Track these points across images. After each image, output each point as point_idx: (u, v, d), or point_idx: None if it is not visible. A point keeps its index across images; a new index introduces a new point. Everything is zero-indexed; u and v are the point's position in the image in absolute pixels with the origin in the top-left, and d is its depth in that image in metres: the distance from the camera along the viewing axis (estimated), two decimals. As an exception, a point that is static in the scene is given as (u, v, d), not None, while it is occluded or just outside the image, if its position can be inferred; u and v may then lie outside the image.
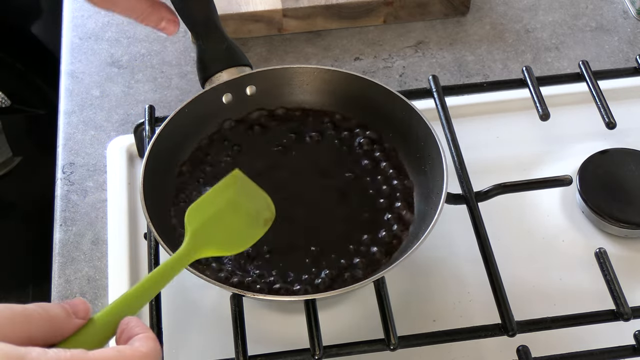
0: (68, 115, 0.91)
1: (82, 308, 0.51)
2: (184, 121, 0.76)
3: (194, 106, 0.76)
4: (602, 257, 0.71)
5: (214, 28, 0.77)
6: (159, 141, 0.73)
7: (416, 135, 0.76)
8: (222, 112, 0.79)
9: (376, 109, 0.78)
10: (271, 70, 0.80)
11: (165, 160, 0.75)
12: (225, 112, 0.79)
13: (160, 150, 0.73)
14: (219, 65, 0.77)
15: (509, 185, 0.77)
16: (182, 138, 0.77)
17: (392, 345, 0.66)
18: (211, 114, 0.78)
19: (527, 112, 0.85)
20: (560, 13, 1.01)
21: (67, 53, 0.97)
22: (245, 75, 0.78)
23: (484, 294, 0.71)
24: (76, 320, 0.50)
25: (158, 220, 0.69)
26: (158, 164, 0.73)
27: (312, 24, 0.98)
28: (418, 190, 0.75)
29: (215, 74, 0.77)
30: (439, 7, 0.99)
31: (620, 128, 0.81)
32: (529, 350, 0.67)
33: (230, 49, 0.78)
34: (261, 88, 0.80)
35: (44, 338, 0.47)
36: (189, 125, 0.77)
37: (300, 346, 0.67)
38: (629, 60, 0.96)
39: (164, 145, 0.74)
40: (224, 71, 0.77)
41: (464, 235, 0.75)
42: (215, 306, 0.74)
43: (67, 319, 0.49)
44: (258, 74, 0.79)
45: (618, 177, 0.80)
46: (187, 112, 0.76)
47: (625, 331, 0.69)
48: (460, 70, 0.95)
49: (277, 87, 0.80)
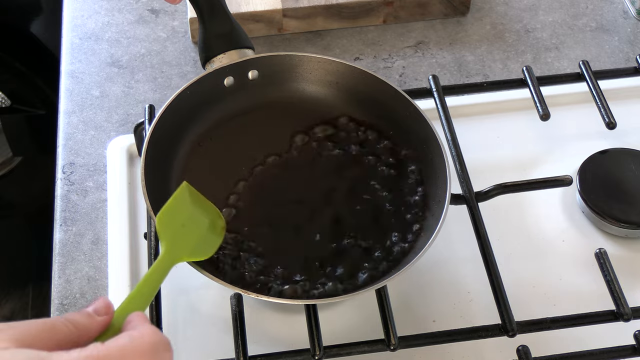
0: (68, 115, 0.91)
1: (102, 305, 0.52)
2: (185, 104, 0.75)
3: (195, 88, 0.76)
4: (602, 257, 0.71)
5: (219, 8, 0.77)
6: (162, 121, 0.73)
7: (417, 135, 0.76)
8: (223, 95, 0.78)
9: (378, 104, 0.78)
10: (275, 55, 0.80)
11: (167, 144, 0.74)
12: (226, 96, 0.78)
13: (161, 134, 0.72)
14: (222, 47, 0.77)
15: (509, 185, 0.77)
16: (184, 120, 0.76)
17: (392, 346, 0.66)
18: (213, 97, 0.78)
19: (527, 112, 0.85)
20: (560, 13, 1.01)
21: (67, 53, 0.97)
22: (248, 59, 0.78)
23: (484, 294, 0.71)
24: (99, 319, 0.51)
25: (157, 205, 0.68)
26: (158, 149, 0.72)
27: (312, 24, 0.98)
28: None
29: (217, 55, 0.77)
30: (439, 7, 0.99)
31: (620, 128, 0.81)
32: (529, 350, 0.67)
33: (235, 30, 0.77)
34: (263, 73, 0.79)
35: (72, 343, 0.49)
36: (191, 108, 0.76)
37: (300, 346, 0.67)
38: (629, 60, 0.96)
39: (167, 124, 0.73)
40: (226, 53, 0.77)
41: (464, 235, 0.75)
42: (215, 306, 0.74)
43: (90, 321, 0.51)
44: (261, 59, 0.79)
45: (618, 177, 0.81)
46: (188, 94, 0.75)
47: (625, 331, 0.69)
48: (460, 70, 0.95)
49: (279, 74, 0.79)
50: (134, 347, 0.48)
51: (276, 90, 0.80)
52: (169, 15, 1.00)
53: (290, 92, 0.80)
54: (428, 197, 0.73)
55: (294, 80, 0.80)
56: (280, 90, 0.80)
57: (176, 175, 0.74)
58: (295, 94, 0.80)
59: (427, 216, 0.72)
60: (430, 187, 0.73)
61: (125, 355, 0.47)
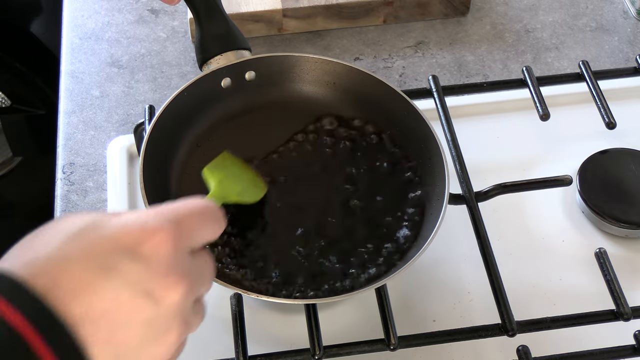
0: (68, 115, 0.91)
1: None
2: (183, 105, 0.75)
3: (193, 90, 0.76)
4: (602, 257, 0.71)
5: (216, 9, 0.77)
6: (160, 123, 0.73)
7: (415, 135, 0.76)
8: (221, 96, 0.78)
9: (376, 104, 0.78)
10: (272, 56, 0.80)
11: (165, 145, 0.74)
12: (224, 97, 0.78)
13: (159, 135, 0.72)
14: (218, 48, 0.77)
15: (509, 185, 0.77)
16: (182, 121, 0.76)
17: (392, 346, 0.66)
18: (210, 98, 0.78)
19: (527, 112, 0.85)
20: (560, 13, 1.01)
21: (67, 53, 0.97)
22: (245, 60, 0.78)
23: (484, 294, 0.71)
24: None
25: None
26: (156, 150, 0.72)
27: (312, 24, 0.98)
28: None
29: (214, 57, 0.77)
30: (439, 7, 0.99)
31: (620, 128, 0.81)
32: (529, 350, 0.67)
33: (231, 31, 0.77)
34: (261, 74, 0.79)
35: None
36: (189, 109, 0.76)
37: (300, 346, 0.67)
38: (629, 60, 0.96)
39: (165, 126, 0.73)
40: (223, 54, 0.77)
41: (464, 235, 0.75)
42: (215, 306, 0.74)
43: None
44: (258, 60, 0.79)
45: (618, 177, 0.81)
46: (186, 95, 0.75)
47: (625, 331, 0.69)
48: (460, 70, 0.95)
49: (276, 74, 0.80)
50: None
51: (274, 91, 0.80)
52: (169, 15, 1.00)
53: (288, 92, 0.80)
54: (427, 197, 0.73)
55: (292, 80, 0.80)
56: (277, 90, 0.80)
57: (175, 176, 0.74)
58: (292, 95, 0.80)
59: (426, 216, 0.72)
60: (429, 186, 0.73)
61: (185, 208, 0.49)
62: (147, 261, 0.45)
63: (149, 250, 0.45)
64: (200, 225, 0.50)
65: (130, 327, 0.44)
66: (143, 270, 0.45)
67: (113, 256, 0.44)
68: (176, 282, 0.46)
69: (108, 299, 0.43)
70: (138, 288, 0.44)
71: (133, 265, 0.44)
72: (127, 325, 0.44)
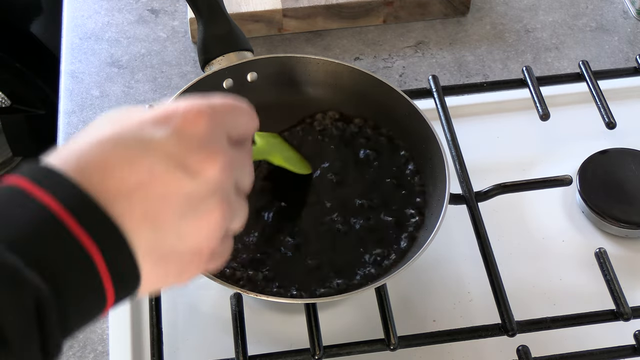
0: (68, 115, 0.91)
1: None
2: None
3: (195, 90, 0.76)
4: (602, 257, 0.71)
5: (218, 10, 0.77)
6: None
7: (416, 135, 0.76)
8: None
9: (377, 104, 0.78)
10: (273, 57, 0.80)
11: None
12: None
13: None
14: (220, 49, 0.77)
15: (509, 185, 0.77)
16: None
17: (392, 345, 0.66)
18: None
19: (527, 112, 0.85)
20: (560, 13, 1.01)
21: (67, 53, 0.97)
22: (247, 61, 0.78)
23: (484, 294, 0.71)
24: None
25: None
26: None
27: (312, 24, 0.98)
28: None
29: (216, 58, 0.77)
30: (439, 7, 0.99)
31: (620, 128, 0.81)
32: (529, 350, 0.67)
33: (233, 32, 0.78)
34: (262, 75, 0.79)
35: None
36: None
37: (300, 346, 0.67)
38: (629, 60, 0.96)
39: None
40: (225, 55, 0.77)
41: (464, 235, 0.75)
42: (215, 306, 0.74)
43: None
44: (259, 61, 0.79)
45: (618, 177, 0.80)
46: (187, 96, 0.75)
47: (625, 331, 0.69)
48: (460, 70, 0.95)
49: (278, 75, 0.80)
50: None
51: (275, 91, 0.80)
52: (169, 15, 1.00)
53: (289, 93, 0.80)
54: (427, 197, 0.73)
55: (293, 81, 0.80)
56: (279, 91, 0.80)
57: None
58: (294, 96, 0.80)
59: (426, 215, 0.72)
60: (430, 186, 0.73)
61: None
62: (181, 135, 0.43)
63: (184, 124, 0.44)
64: (235, 114, 0.48)
65: (167, 201, 0.42)
66: (178, 143, 0.43)
67: (146, 130, 0.43)
68: (212, 157, 0.44)
69: (141, 171, 0.42)
70: (173, 161, 0.43)
71: (167, 139, 0.43)
72: (163, 200, 0.42)
